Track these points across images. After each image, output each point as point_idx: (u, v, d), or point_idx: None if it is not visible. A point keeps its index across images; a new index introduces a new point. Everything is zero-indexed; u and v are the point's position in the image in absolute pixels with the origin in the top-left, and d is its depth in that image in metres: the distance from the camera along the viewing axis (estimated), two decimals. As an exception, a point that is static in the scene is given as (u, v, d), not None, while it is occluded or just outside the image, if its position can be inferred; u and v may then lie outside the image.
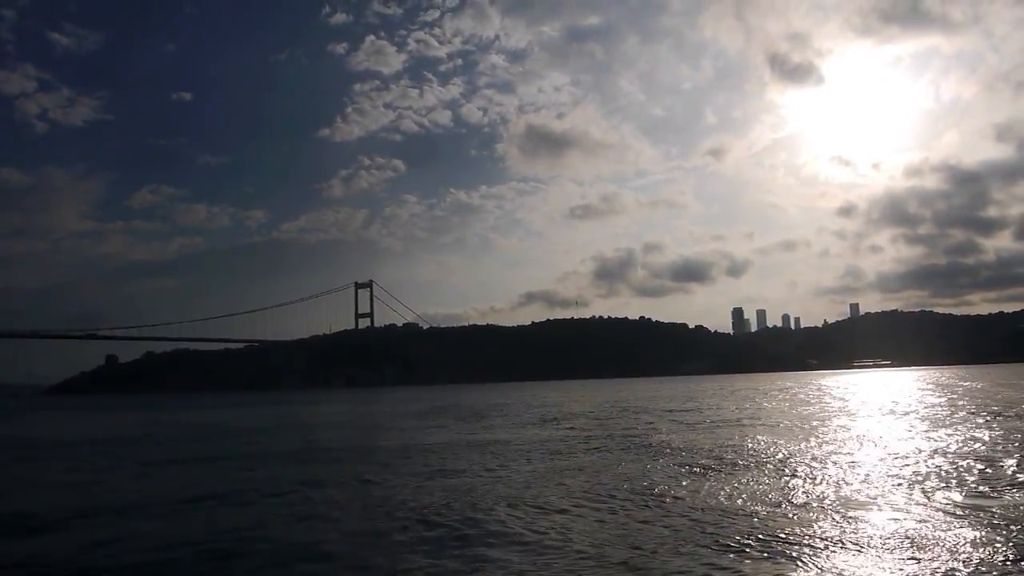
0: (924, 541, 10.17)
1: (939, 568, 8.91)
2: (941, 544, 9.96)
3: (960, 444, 21.16)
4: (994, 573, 8.65)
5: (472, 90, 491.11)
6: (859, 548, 9.92)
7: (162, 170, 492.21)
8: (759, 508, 12.76)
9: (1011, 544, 9.78)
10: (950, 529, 10.81)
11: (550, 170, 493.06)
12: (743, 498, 13.74)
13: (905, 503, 12.88)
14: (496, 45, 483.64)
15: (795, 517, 11.94)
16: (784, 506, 12.90)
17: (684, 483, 15.81)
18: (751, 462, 18.72)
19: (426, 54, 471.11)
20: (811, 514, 12.13)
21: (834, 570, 9.02)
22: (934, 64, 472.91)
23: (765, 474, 16.64)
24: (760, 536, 10.68)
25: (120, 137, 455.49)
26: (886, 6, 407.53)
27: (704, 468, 17.96)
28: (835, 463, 18.13)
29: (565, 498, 14.49)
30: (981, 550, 9.55)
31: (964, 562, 9.07)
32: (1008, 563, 8.97)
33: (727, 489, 14.76)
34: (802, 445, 22.33)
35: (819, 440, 23.72)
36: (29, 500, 17.03)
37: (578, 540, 10.98)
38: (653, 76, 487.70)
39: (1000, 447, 20.20)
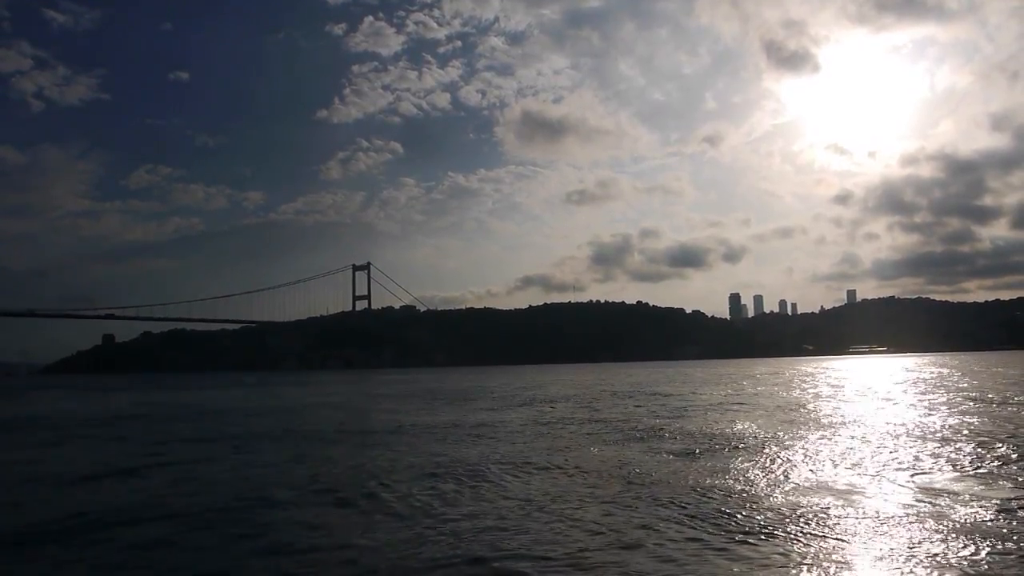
0: (910, 526, 9.98)
1: (924, 554, 8.70)
2: (926, 530, 9.77)
3: (948, 429, 20.98)
4: (984, 559, 8.45)
5: (471, 72, 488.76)
6: (842, 532, 9.73)
7: (159, 150, 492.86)
8: (745, 492, 12.55)
9: (1001, 531, 9.58)
10: (936, 514, 10.60)
11: (547, 155, 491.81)
12: (730, 481, 13.53)
13: (892, 488, 12.68)
14: (496, 27, 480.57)
15: (780, 501, 11.74)
16: (770, 490, 12.70)
17: (670, 466, 15.62)
18: (741, 446, 18.53)
19: (425, 36, 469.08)
20: (796, 498, 11.92)
21: (819, 555, 8.81)
22: (929, 53, 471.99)
23: (753, 458, 16.44)
24: (743, 520, 10.47)
25: (117, 116, 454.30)
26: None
27: (692, 452, 17.77)
28: (823, 448, 17.94)
29: (549, 479, 14.31)
30: (970, 537, 9.34)
31: (952, 549, 8.87)
32: (998, 551, 8.77)
33: (715, 472, 14.56)
34: (793, 430, 22.14)
35: (809, 425, 23.54)
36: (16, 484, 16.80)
37: (562, 521, 10.77)
38: (651, 62, 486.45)
39: (990, 432, 20.00)
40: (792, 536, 9.64)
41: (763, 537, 9.63)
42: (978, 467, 14.58)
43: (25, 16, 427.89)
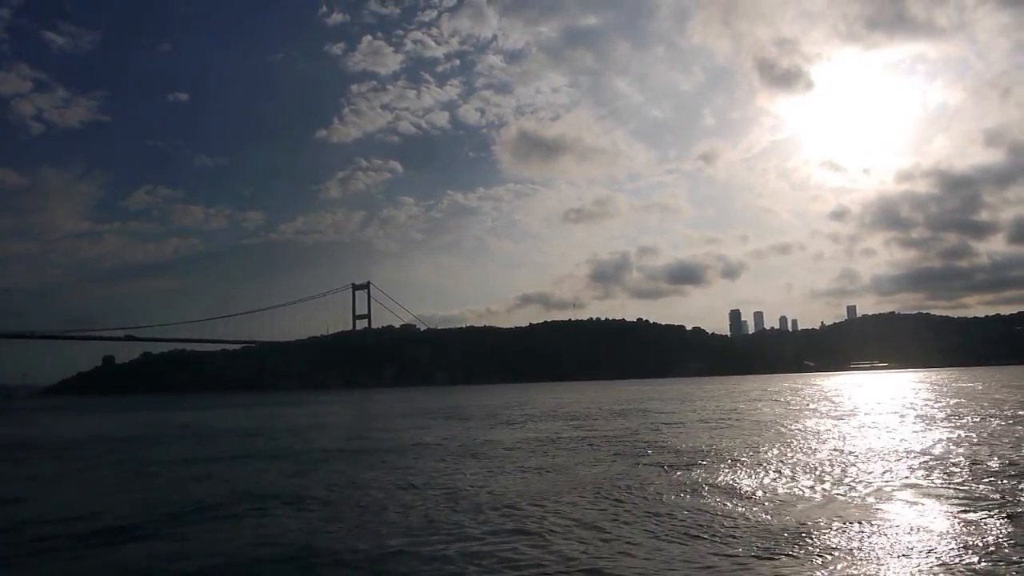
0: (910, 540, 10.11)
1: (926, 566, 8.83)
2: (929, 544, 9.89)
3: (949, 444, 21.09)
4: (983, 569, 8.59)
5: (469, 91, 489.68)
6: (844, 547, 9.86)
7: (159, 171, 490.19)
8: (743, 507, 12.66)
9: (1002, 543, 9.71)
10: (937, 528, 10.73)
11: (544, 174, 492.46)
12: (730, 497, 13.65)
13: (893, 502, 12.80)
14: (494, 46, 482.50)
15: (779, 516, 11.85)
16: (769, 505, 12.81)
17: (672, 483, 15.72)
18: (739, 463, 18.63)
19: (423, 55, 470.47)
20: (795, 513, 12.04)
21: (820, 566, 8.94)
22: (920, 70, 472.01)
23: (753, 473, 16.54)
24: (741, 535, 10.59)
25: (116, 138, 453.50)
26: (871, 13, 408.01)
27: (693, 468, 17.87)
28: (825, 463, 18.04)
29: (548, 496, 14.43)
30: (965, 549, 9.48)
31: (949, 560, 8.99)
32: (998, 561, 8.90)
33: (712, 489, 14.67)
34: (794, 445, 22.25)
35: (809, 440, 23.64)
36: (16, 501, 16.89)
37: (561, 539, 10.90)
38: (646, 80, 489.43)
39: (991, 448, 20.11)
40: (792, 552, 9.78)
41: (762, 553, 9.78)
42: (983, 481, 14.71)
43: (24, 38, 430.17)
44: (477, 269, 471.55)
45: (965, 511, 11.84)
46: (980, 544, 9.71)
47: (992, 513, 11.60)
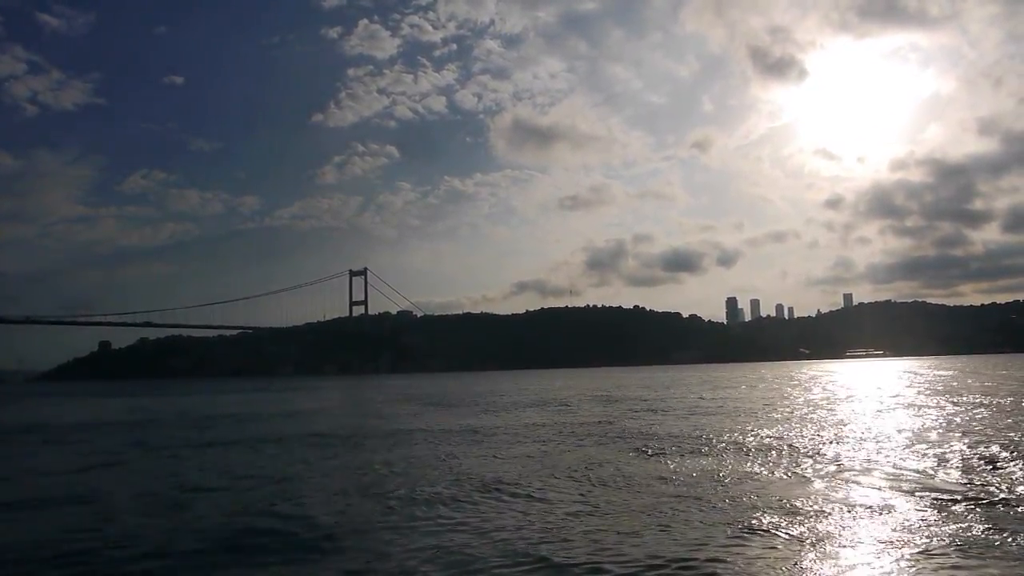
0: (895, 528, 10.01)
1: (912, 553, 8.72)
2: (913, 531, 9.79)
3: (939, 430, 21.05)
4: (969, 555, 8.48)
5: (467, 76, 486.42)
6: (833, 533, 9.76)
7: (154, 155, 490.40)
8: (731, 491, 12.57)
9: (986, 529, 9.61)
10: (923, 515, 10.64)
11: (539, 160, 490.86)
12: (721, 482, 13.56)
13: (881, 488, 12.71)
14: (491, 30, 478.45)
15: (770, 500, 11.74)
16: (761, 490, 12.70)
17: (666, 468, 15.64)
18: (729, 448, 18.56)
19: (420, 39, 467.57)
20: (786, 499, 11.93)
21: (807, 552, 8.82)
22: (913, 59, 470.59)
23: (740, 459, 16.46)
24: (730, 518, 10.48)
25: (111, 121, 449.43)
26: (863, 2, 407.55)
27: (684, 453, 17.83)
28: (817, 450, 17.97)
29: (536, 481, 14.32)
30: (951, 535, 9.37)
31: (936, 548, 8.88)
32: (983, 547, 8.79)
33: (709, 474, 14.60)
34: (786, 431, 22.19)
35: (803, 427, 23.59)
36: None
37: (549, 524, 10.78)
38: (641, 67, 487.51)
39: (981, 432, 20.06)
40: (779, 535, 9.67)
41: (748, 536, 9.67)
42: (971, 466, 14.63)
43: (18, 20, 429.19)
44: (473, 256, 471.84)
45: (957, 497, 11.75)
46: (968, 531, 9.62)
47: (972, 495, 11.52)
